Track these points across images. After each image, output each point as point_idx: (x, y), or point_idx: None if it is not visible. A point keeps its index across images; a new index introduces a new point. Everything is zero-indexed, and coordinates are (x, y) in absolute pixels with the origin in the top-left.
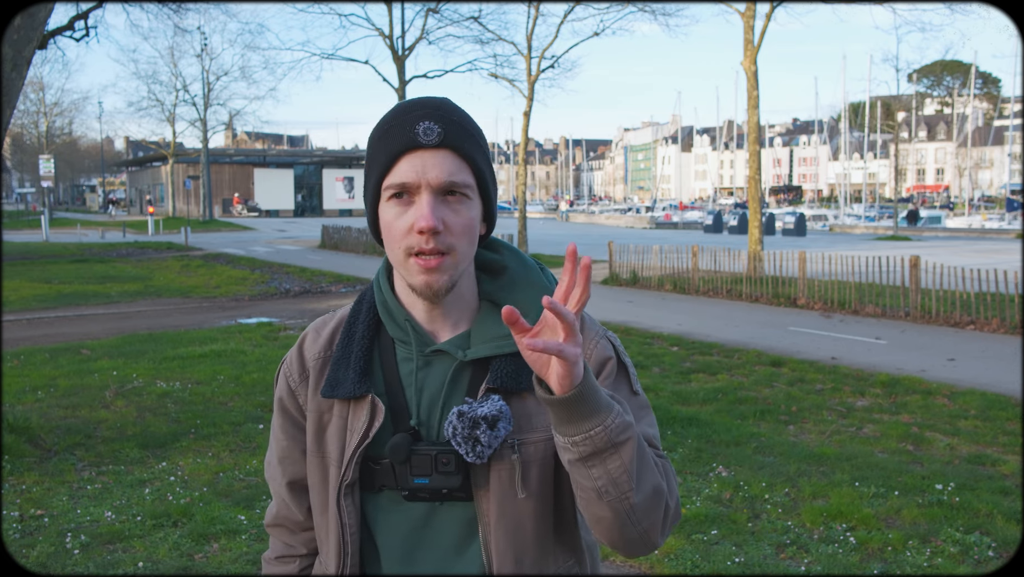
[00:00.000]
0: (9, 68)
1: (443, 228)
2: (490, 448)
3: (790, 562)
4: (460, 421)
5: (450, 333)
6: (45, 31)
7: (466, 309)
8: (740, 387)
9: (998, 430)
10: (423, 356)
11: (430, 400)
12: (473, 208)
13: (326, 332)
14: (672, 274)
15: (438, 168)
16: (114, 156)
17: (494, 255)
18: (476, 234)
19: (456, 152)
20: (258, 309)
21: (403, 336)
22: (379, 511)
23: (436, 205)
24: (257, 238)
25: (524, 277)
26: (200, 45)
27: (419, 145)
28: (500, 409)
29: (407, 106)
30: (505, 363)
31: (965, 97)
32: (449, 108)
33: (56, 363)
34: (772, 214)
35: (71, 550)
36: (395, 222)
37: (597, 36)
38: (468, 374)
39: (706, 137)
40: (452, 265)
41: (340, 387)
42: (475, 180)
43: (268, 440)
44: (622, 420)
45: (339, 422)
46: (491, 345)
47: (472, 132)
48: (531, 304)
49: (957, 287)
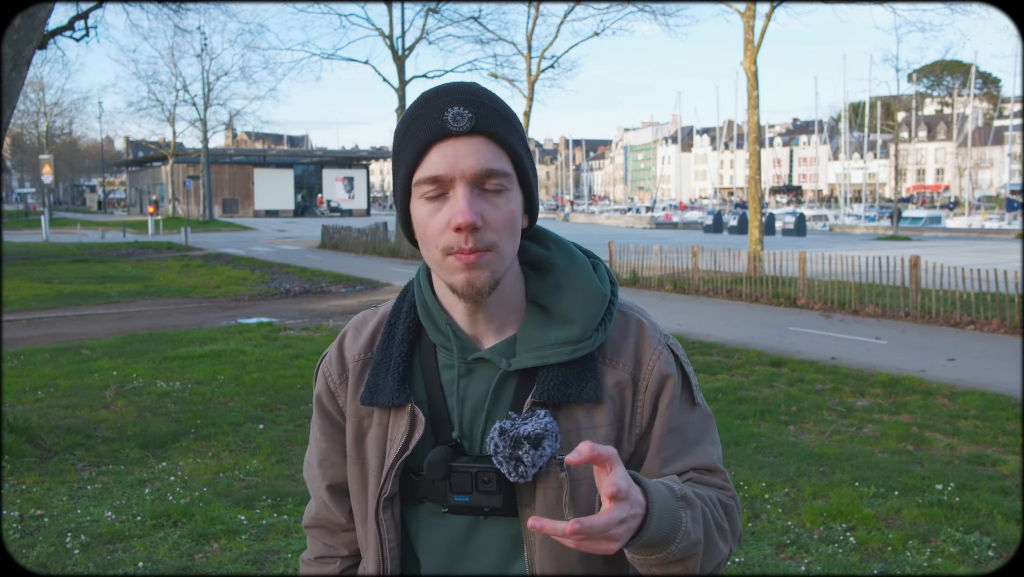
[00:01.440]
0: (9, 68)
1: (483, 224)
2: (534, 468)
3: (790, 562)
4: (502, 439)
5: (494, 338)
6: (45, 31)
7: (511, 311)
8: (740, 387)
9: (998, 430)
10: (465, 364)
11: (473, 411)
12: (513, 199)
13: (367, 331)
14: (672, 274)
15: (472, 157)
16: (114, 156)
17: (541, 250)
18: (519, 228)
19: (491, 138)
20: (258, 309)
21: (444, 341)
22: (420, 524)
23: (473, 199)
24: (257, 238)
25: (571, 278)
26: (200, 45)
27: (449, 133)
28: (546, 427)
29: (434, 92)
30: (552, 374)
31: (965, 97)
32: (480, 92)
33: (56, 363)
34: (772, 214)
35: (71, 550)
36: (429, 220)
37: (597, 36)
38: (513, 384)
39: (706, 137)
40: (494, 262)
41: (379, 395)
42: (514, 168)
43: (268, 440)
44: (687, 542)
45: (379, 430)
46: (536, 355)
47: (507, 116)
48: (580, 310)
49: (957, 287)
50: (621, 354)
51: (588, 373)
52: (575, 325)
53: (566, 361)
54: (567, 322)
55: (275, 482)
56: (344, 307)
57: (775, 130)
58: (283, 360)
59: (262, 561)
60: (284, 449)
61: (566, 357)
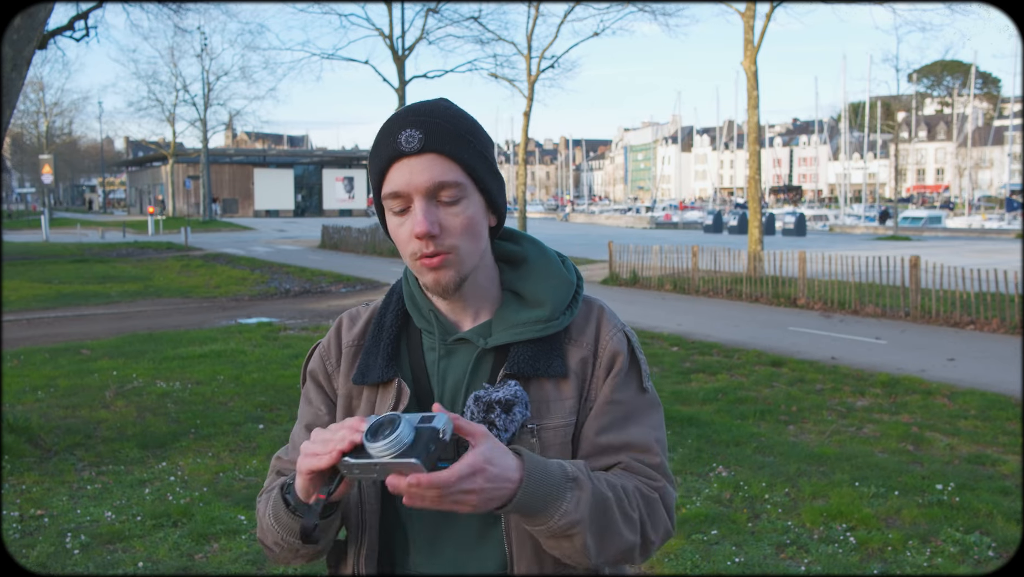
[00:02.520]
0: (9, 68)
1: (440, 231)
2: (506, 432)
3: (790, 562)
4: (476, 405)
5: (472, 322)
6: (45, 31)
7: (487, 299)
8: (740, 387)
9: (998, 430)
10: (446, 345)
11: (453, 387)
12: (471, 205)
13: (360, 322)
14: (672, 274)
15: (424, 173)
16: (114, 156)
17: (514, 246)
18: (481, 228)
19: (441, 154)
20: (258, 309)
21: (428, 326)
22: None
23: (429, 209)
24: (257, 238)
25: (542, 267)
26: (200, 45)
27: (403, 154)
28: (515, 394)
29: (394, 117)
30: (523, 349)
31: (965, 97)
32: (436, 112)
33: (56, 363)
34: (772, 214)
35: (71, 550)
36: (398, 231)
37: (597, 36)
38: (490, 362)
39: (706, 137)
40: (456, 262)
41: (370, 373)
42: (468, 177)
43: (268, 440)
44: (567, 521)
45: (367, 407)
46: (510, 332)
47: (459, 131)
48: (550, 294)
49: (957, 287)
50: (584, 334)
51: (555, 351)
52: (546, 306)
53: (536, 338)
54: (538, 304)
55: None
56: (344, 307)
57: (775, 130)
58: (283, 360)
59: (262, 561)
60: None
61: (537, 334)
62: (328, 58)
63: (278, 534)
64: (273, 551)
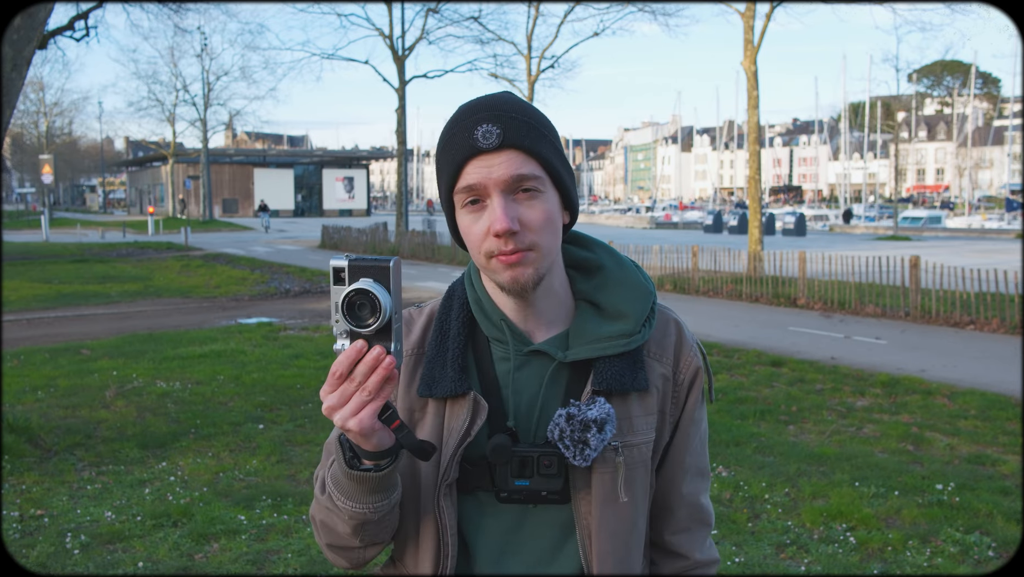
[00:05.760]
0: (9, 68)
1: (520, 227)
2: (596, 452)
3: (790, 562)
4: (569, 424)
5: (545, 333)
6: (45, 31)
7: (560, 308)
8: (740, 387)
9: (998, 430)
10: (520, 356)
11: (528, 401)
12: (548, 200)
13: (417, 328)
14: (672, 274)
15: (503, 167)
16: (114, 156)
17: (586, 252)
18: (558, 225)
19: (519, 150)
20: (258, 309)
21: (499, 335)
22: (472, 513)
23: (508, 205)
24: (257, 238)
25: (621, 277)
26: (200, 45)
27: (480, 151)
28: (608, 412)
29: (466, 110)
30: (609, 365)
31: (965, 97)
32: (509, 105)
33: (56, 363)
34: (772, 214)
35: (71, 550)
36: (472, 228)
37: (597, 36)
38: (566, 376)
39: (706, 137)
40: (536, 259)
41: (438, 385)
42: (545, 171)
43: (268, 440)
44: None
45: (434, 420)
46: (592, 347)
47: (535, 125)
48: (631, 306)
49: (957, 287)
50: (664, 350)
51: (638, 364)
52: (628, 319)
53: (620, 353)
54: (620, 316)
55: (275, 482)
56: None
57: (775, 130)
58: (283, 360)
59: (262, 561)
60: (284, 449)
61: (622, 349)
62: (328, 58)
63: (352, 507)
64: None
